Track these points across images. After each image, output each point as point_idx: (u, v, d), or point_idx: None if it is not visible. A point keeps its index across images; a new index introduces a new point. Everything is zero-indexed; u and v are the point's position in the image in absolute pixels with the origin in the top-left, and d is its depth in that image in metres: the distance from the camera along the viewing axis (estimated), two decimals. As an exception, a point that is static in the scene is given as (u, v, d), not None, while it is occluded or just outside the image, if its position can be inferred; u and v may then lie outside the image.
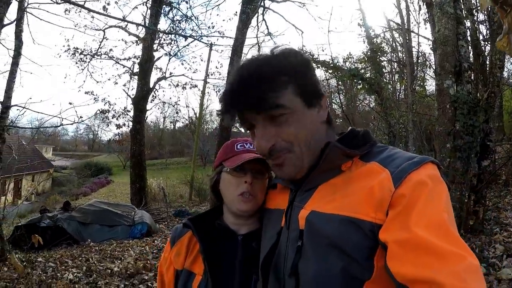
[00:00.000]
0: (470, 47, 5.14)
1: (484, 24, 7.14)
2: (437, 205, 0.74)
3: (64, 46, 14.57)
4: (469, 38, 4.96)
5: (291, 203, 0.99)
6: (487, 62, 5.54)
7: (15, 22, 6.51)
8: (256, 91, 0.88)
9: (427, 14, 6.03)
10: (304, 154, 0.92)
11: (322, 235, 0.84)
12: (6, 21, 6.35)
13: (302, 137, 0.92)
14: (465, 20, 4.62)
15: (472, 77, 4.68)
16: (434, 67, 6.14)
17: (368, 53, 9.88)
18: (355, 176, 0.87)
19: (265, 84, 0.88)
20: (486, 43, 5.82)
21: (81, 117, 4.42)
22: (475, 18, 6.51)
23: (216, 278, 1.14)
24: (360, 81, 8.47)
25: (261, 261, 1.03)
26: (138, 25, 13.39)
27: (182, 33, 14.51)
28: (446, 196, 0.78)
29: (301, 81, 0.93)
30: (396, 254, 0.70)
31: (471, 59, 4.79)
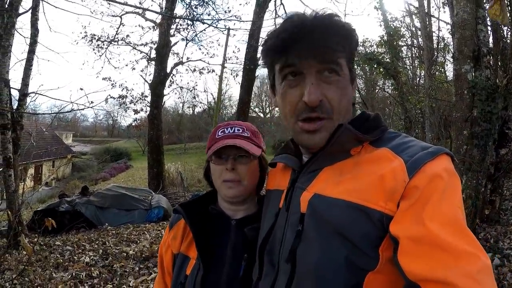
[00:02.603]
0: (489, 32, 4.98)
1: (507, 9, 6.88)
2: (452, 201, 0.71)
3: (81, 33, 14.76)
4: (488, 22, 4.79)
5: (292, 184, 0.95)
6: (508, 48, 5.35)
7: (30, 11, 6.57)
8: (325, 39, 0.83)
9: (446, -3, 5.85)
10: (337, 124, 0.87)
11: (326, 220, 0.80)
12: (21, 10, 6.44)
13: (342, 105, 0.88)
14: (484, 4, 4.45)
15: (491, 63, 4.53)
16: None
17: (385, 37, 9.68)
18: (364, 161, 0.83)
19: (334, 35, 0.84)
20: (508, 27, 5.61)
21: (92, 102, 4.43)
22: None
23: (207, 263, 1.14)
24: (376, 65, 8.32)
25: (259, 244, 1.01)
26: (153, 11, 13.40)
27: (199, 18, 14.43)
28: (460, 191, 0.75)
29: (352, 55, 0.93)
30: (409, 250, 0.68)
31: (490, 44, 4.63)
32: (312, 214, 0.84)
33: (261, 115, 51.84)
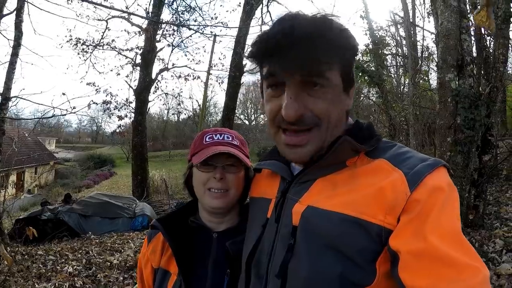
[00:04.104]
0: (473, 41, 5.08)
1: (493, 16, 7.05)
2: (452, 214, 0.71)
3: (66, 36, 14.53)
4: (472, 32, 4.90)
5: (283, 195, 0.91)
6: (490, 57, 5.48)
7: (15, 12, 6.47)
8: (311, 51, 0.76)
9: (431, 7, 5.97)
10: (327, 135, 0.83)
11: (320, 234, 0.77)
12: (5, 11, 6.33)
13: (333, 116, 0.83)
14: (468, 14, 4.56)
15: (475, 71, 4.62)
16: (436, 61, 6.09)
17: (370, 46, 9.82)
18: (361, 172, 0.81)
19: (323, 46, 0.77)
20: (490, 37, 5.75)
21: (74, 107, 4.36)
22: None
23: (189, 280, 1.09)
24: (360, 73, 8.43)
25: (245, 255, 0.96)
26: (140, 16, 13.34)
27: (185, 24, 14.43)
28: (458, 203, 0.74)
29: (348, 63, 0.87)
30: (410, 265, 0.66)
31: (473, 53, 4.73)
32: (305, 227, 0.81)
33: (246, 122, 51.93)
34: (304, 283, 0.77)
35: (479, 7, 1.45)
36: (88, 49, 14.82)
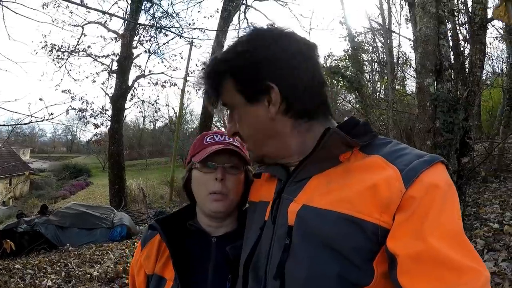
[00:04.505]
0: (450, 47, 5.21)
1: (464, 26, 7.28)
2: (451, 213, 0.68)
3: (41, 42, 14.18)
4: (449, 38, 5.01)
5: (278, 195, 0.89)
6: (467, 62, 5.63)
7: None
8: (207, 89, 0.93)
9: (409, 14, 6.10)
10: (257, 149, 0.93)
11: (316, 233, 0.75)
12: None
13: (249, 134, 0.91)
14: (446, 20, 4.67)
15: (452, 76, 4.73)
16: (414, 66, 6.22)
17: (349, 51, 9.97)
18: (355, 168, 0.78)
19: (209, 84, 0.92)
20: (466, 43, 5.91)
21: (51, 113, 4.24)
22: (456, 19, 6.63)
23: (186, 285, 1.05)
24: (340, 79, 8.53)
25: (244, 260, 0.94)
26: (118, 17, 13.20)
27: (164, 27, 14.33)
28: (458, 202, 0.72)
29: (239, 75, 0.87)
30: (409, 269, 0.64)
31: (451, 59, 4.84)
32: (300, 227, 0.79)
33: (223, 129, 51.87)
34: (302, 283, 0.75)
35: (498, 1, 1.48)
36: (64, 55, 14.53)
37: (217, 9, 12.81)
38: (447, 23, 4.65)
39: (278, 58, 0.86)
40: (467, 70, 5.41)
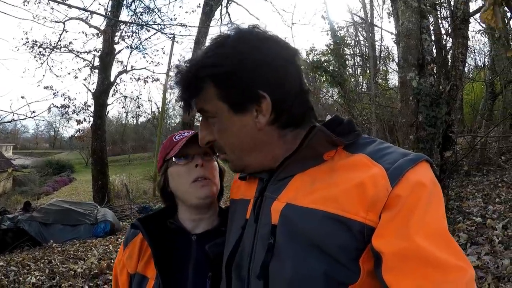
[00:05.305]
0: (433, 41, 5.26)
1: (446, 20, 7.35)
2: (436, 211, 0.68)
3: (22, 39, 13.91)
4: (432, 33, 5.06)
5: (261, 193, 0.87)
6: (449, 56, 5.69)
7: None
8: (183, 94, 0.86)
9: (391, 8, 6.14)
10: (239, 159, 0.89)
11: (300, 232, 0.74)
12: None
13: (231, 144, 0.87)
14: (428, 14, 4.71)
15: (435, 70, 4.78)
16: (397, 61, 6.27)
17: (331, 46, 9.99)
18: (340, 167, 0.77)
19: (186, 90, 0.85)
20: (448, 37, 5.97)
21: (34, 111, 4.17)
22: (438, 13, 6.69)
23: (168, 283, 1.05)
24: (323, 73, 8.55)
25: (225, 258, 0.92)
26: (100, 15, 12.99)
27: (145, 23, 14.14)
28: (443, 201, 0.72)
29: (223, 82, 0.81)
30: (394, 267, 0.64)
31: (433, 53, 4.89)
32: (284, 226, 0.77)
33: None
34: (287, 283, 0.74)
35: (486, 5, 1.49)
36: (45, 51, 14.20)
37: (199, 4, 12.76)
38: (430, 17, 4.70)
39: (267, 64, 0.81)
40: (449, 64, 5.48)
